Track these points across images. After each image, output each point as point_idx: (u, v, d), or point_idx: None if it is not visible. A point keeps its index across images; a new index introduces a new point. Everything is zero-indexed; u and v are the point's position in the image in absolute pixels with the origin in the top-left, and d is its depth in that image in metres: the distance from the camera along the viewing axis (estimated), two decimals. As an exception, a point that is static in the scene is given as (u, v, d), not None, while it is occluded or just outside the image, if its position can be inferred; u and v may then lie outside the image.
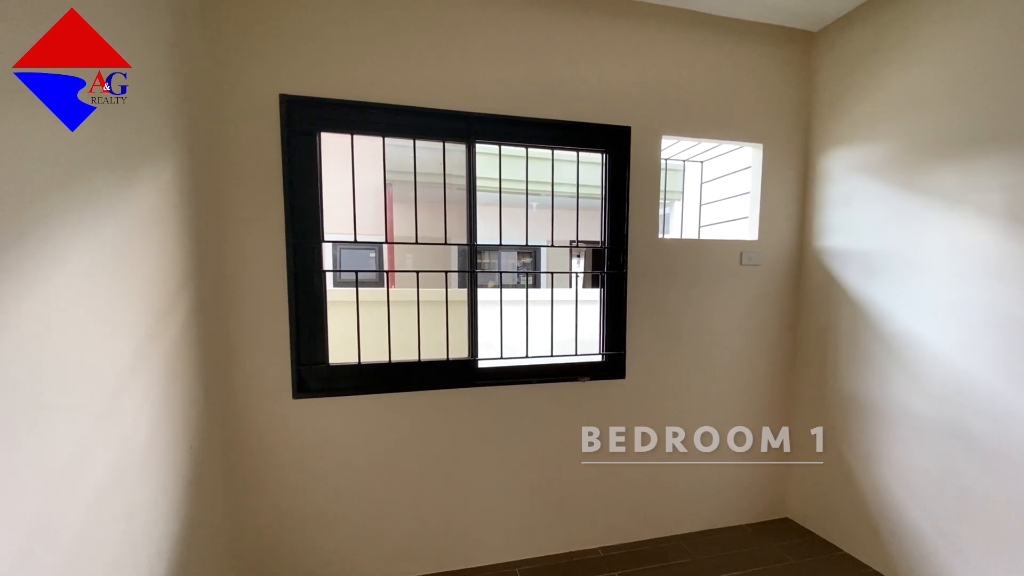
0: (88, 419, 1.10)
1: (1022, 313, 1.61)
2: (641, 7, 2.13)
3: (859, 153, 2.16)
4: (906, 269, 1.97)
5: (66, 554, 1.02)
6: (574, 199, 2.33)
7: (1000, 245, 1.66)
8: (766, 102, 2.34)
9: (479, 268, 2.07)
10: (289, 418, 1.91)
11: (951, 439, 1.83)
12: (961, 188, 1.78)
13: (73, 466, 1.04)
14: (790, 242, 2.45)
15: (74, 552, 1.04)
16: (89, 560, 1.09)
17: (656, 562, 2.22)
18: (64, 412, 1.02)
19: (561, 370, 2.21)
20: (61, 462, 1.01)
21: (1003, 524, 1.67)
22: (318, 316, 1.88)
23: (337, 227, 2.33)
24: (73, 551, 1.04)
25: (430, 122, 1.93)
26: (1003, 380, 1.66)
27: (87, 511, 1.09)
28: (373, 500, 2.03)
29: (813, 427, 2.43)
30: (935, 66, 1.85)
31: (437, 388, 2.04)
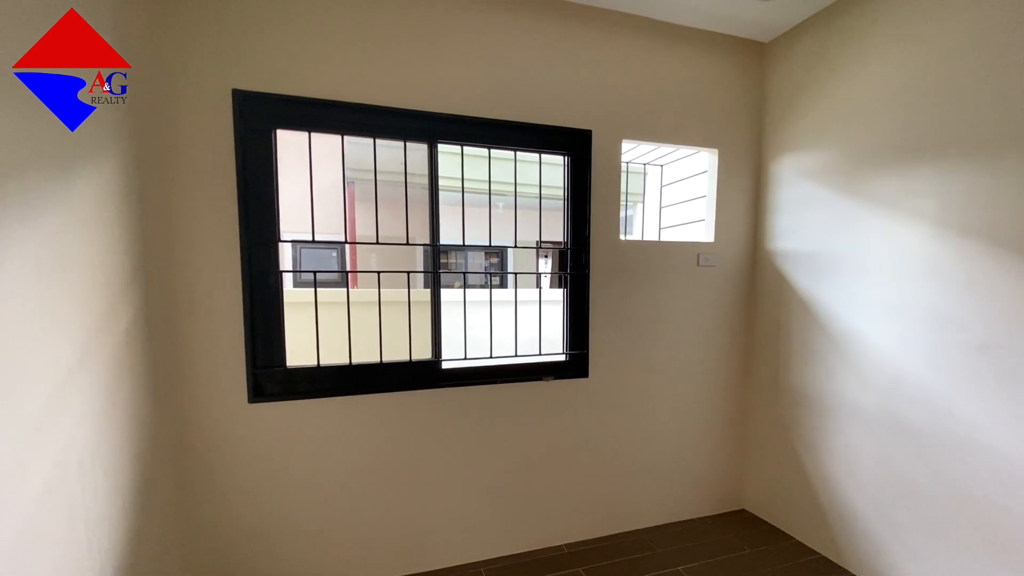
0: (25, 424, 1.05)
1: (953, 313, 1.72)
2: (601, 13, 2.17)
3: (807, 160, 2.27)
4: (850, 271, 2.08)
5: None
6: (533, 199, 2.35)
7: (933, 248, 1.78)
8: (721, 109, 2.42)
9: (445, 269, 2.06)
10: (245, 423, 1.85)
11: (891, 431, 1.94)
12: (898, 194, 1.89)
13: (8, 473, 0.99)
14: (744, 244, 2.55)
15: (7, 566, 0.99)
16: (26, 574, 1.04)
17: (619, 556, 2.27)
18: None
19: (526, 370, 2.23)
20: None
21: (937, 509, 1.79)
22: (275, 318, 1.84)
23: (297, 226, 2.28)
24: (5, 565, 0.99)
25: (391, 121, 1.91)
26: (938, 375, 1.78)
27: (23, 521, 1.04)
28: (333, 505, 1.99)
29: (767, 421, 2.54)
30: (873, 80, 1.96)
31: (400, 390, 2.03)
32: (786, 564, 2.21)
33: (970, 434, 1.68)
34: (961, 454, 1.71)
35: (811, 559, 2.24)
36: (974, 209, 1.66)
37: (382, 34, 1.88)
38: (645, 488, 2.49)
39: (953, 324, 1.72)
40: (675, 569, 2.17)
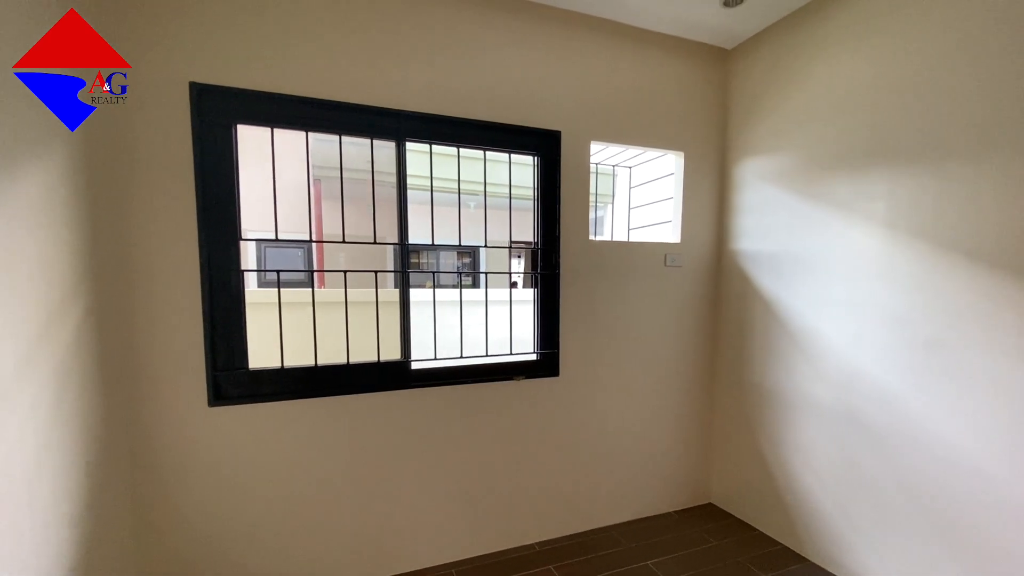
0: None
1: (903, 311, 1.80)
2: (570, 16, 2.19)
3: (768, 163, 2.35)
4: (809, 271, 2.16)
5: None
6: (511, 199, 2.35)
7: (883, 249, 1.86)
8: (687, 113, 2.48)
9: (416, 268, 2.05)
10: (205, 428, 1.79)
11: (847, 424, 2.02)
12: (852, 197, 1.97)
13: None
14: (709, 245, 2.62)
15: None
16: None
17: (589, 553, 2.29)
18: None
19: (496, 369, 2.23)
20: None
21: (889, 499, 1.87)
22: (236, 318, 1.78)
23: (262, 225, 2.22)
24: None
25: (357, 118, 1.88)
26: (889, 371, 1.86)
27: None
28: (301, 511, 1.94)
29: (732, 417, 2.61)
30: (826, 88, 2.04)
31: (368, 391, 2.00)
32: (750, 555, 2.27)
33: (918, 426, 1.77)
34: (910, 445, 1.79)
35: (774, 550, 2.32)
36: (920, 212, 1.74)
37: (348, 29, 1.85)
38: (615, 485, 2.52)
39: (903, 322, 1.81)
40: (644, 564, 2.21)
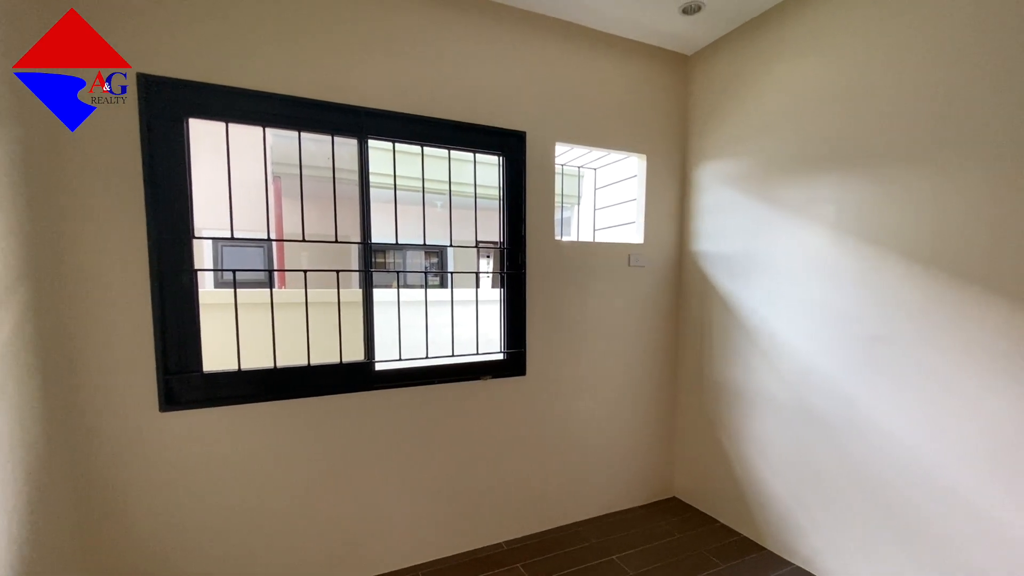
0: None
1: (851, 309, 1.90)
2: (535, 17, 2.21)
3: (726, 167, 2.43)
4: (765, 271, 2.24)
5: None
6: (478, 199, 2.35)
7: (833, 250, 1.96)
8: (649, 117, 2.54)
9: (383, 268, 2.02)
10: (156, 434, 1.71)
11: (800, 418, 2.11)
12: (804, 201, 2.06)
13: None
14: (671, 245, 2.69)
15: None
16: None
17: (557, 549, 2.31)
18: None
19: (463, 370, 2.22)
20: None
21: (840, 488, 1.97)
22: (189, 319, 1.71)
23: (221, 223, 2.15)
24: None
25: (317, 114, 1.84)
26: (838, 366, 1.95)
27: None
28: (261, 518, 1.89)
29: (694, 413, 2.68)
30: (781, 96, 2.13)
31: (331, 393, 1.96)
32: (711, 546, 2.34)
33: (864, 418, 1.86)
34: (857, 437, 1.89)
35: (733, 540, 2.39)
36: (864, 215, 1.84)
37: (309, 24, 1.81)
38: (581, 482, 2.56)
39: (850, 319, 1.90)
40: (610, 558, 2.24)
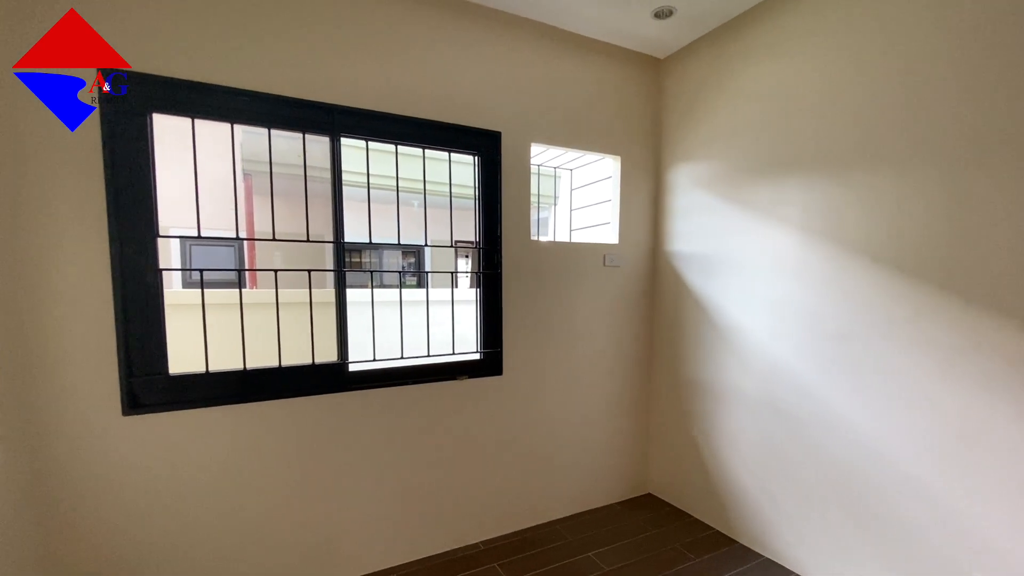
0: None
1: (816, 307, 1.96)
2: (511, 19, 2.22)
3: (698, 169, 2.48)
4: (735, 271, 2.30)
5: None
6: (456, 199, 2.34)
7: (798, 251, 2.02)
8: (624, 119, 2.58)
9: (359, 268, 1.99)
10: (119, 438, 1.66)
11: (769, 412, 2.17)
12: (772, 203, 2.12)
13: None
14: (646, 246, 2.73)
15: None
16: None
17: (533, 548, 2.32)
18: None
19: (439, 370, 2.21)
20: None
21: (805, 480, 2.03)
22: (154, 320, 1.66)
23: (191, 221, 2.10)
24: None
25: (288, 111, 1.81)
26: (805, 363, 2.02)
27: None
28: (231, 522, 1.84)
29: (668, 409, 2.73)
30: (750, 101, 2.19)
31: (303, 395, 1.93)
32: (685, 541, 2.39)
33: (829, 412, 1.93)
34: (823, 431, 1.95)
35: (707, 534, 2.45)
36: (828, 217, 1.91)
37: (280, 19, 1.78)
38: (558, 480, 2.58)
39: (816, 317, 1.97)
40: (586, 555, 2.26)
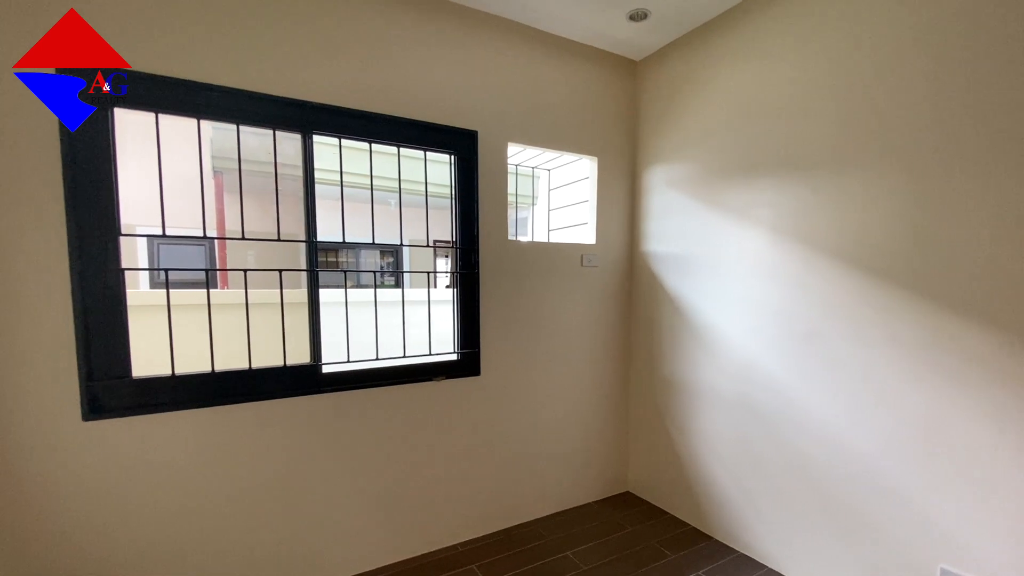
0: None
1: (787, 306, 2.00)
2: (488, 18, 2.21)
3: (674, 171, 2.51)
4: (709, 271, 2.34)
5: None
6: (434, 198, 2.32)
7: (770, 251, 2.06)
8: (600, 120, 2.60)
9: (335, 267, 1.96)
10: (79, 445, 1.60)
11: (743, 411, 2.21)
12: (744, 204, 2.16)
13: None
14: (622, 246, 2.76)
15: None
16: None
17: (512, 548, 2.32)
18: None
19: (416, 371, 2.19)
20: None
21: (778, 475, 2.07)
22: (116, 322, 1.61)
23: (159, 219, 2.04)
24: None
25: (257, 107, 1.77)
26: (777, 361, 2.06)
27: None
28: (200, 529, 1.79)
29: (645, 408, 2.76)
30: (723, 103, 2.23)
31: (275, 397, 1.89)
32: (661, 538, 2.41)
33: (800, 410, 1.97)
34: (795, 428, 1.99)
35: (683, 531, 2.48)
36: (798, 218, 1.95)
37: (248, 11, 1.73)
38: (537, 480, 2.58)
39: (787, 316, 2.01)
40: (564, 554, 2.27)
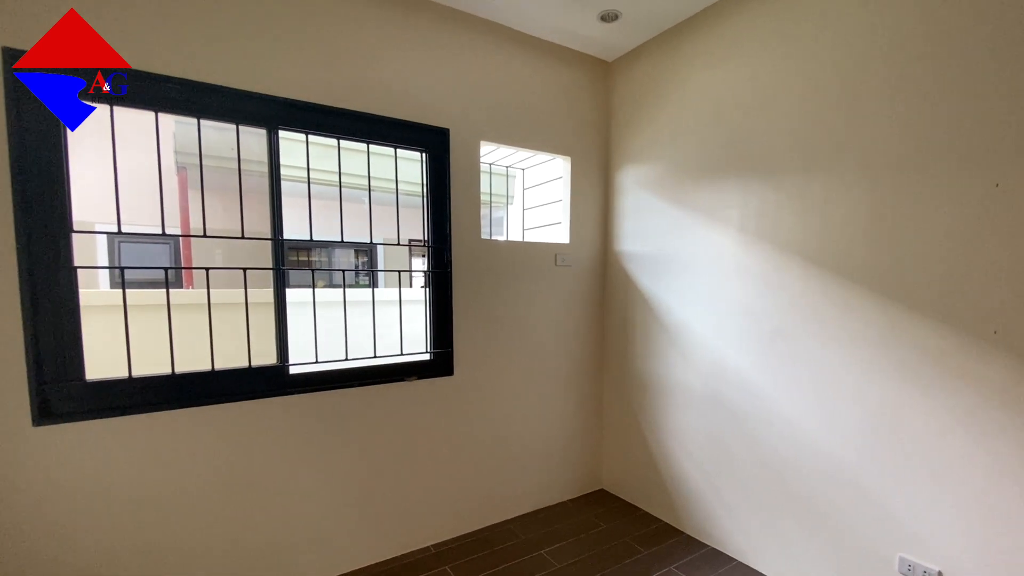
0: None
1: (754, 305, 2.05)
2: (461, 16, 2.21)
3: (645, 171, 2.55)
4: (680, 270, 2.37)
5: None
6: (408, 196, 2.29)
7: (737, 251, 2.10)
8: (573, 120, 2.61)
9: (307, 266, 1.92)
10: (29, 451, 1.52)
11: (713, 407, 2.25)
12: (712, 205, 2.20)
13: None
14: (596, 246, 2.78)
15: None
16: None
17: (485, 549, 2.31)
18: None
19: (387, 371, 2.17)
20: None
21: (747, 471, 2.12)
22: (68, 322, 1.54)
23: (124, 216, 1.97)
24: None
25: (219, 101, 1.72)
26: (744, 357, 2.10)
27: None
28: (162, 540, 1.73)
29: (619, 406, 2.78)
30: (693, 105, 2.27)
31: (240, 399, 1.84)
32: (635, 534, 2.44)
33: (767, 405, 2.02)
34: (763, 423, 2.04)
35: (656, 527, 2.51)
36: (764, 219, 2.00)
37: (213, 4, 1.69)
38: (511, 480, 2.58)
39: (754, 314, 2.05)
40: (538, 553, 2.27)
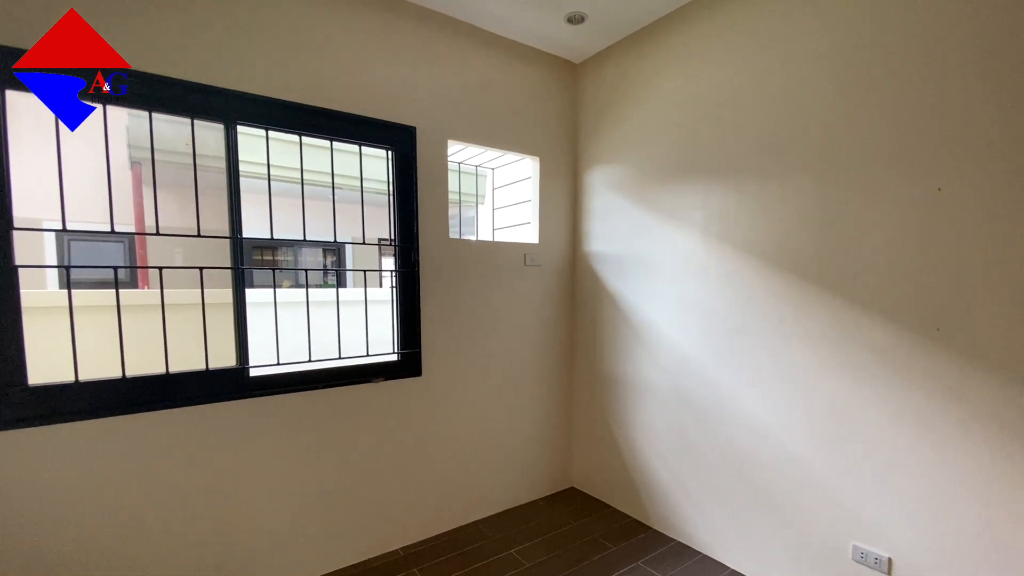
0: None
1: (716, 304, 2.11)
2: (428, 13, 2.19)
3: (612, 172, 2.58)
4: (646, 270, 2.42)
5: None
6: (377, 195, 2.26)
7: (699, 251, 2.16)
8: (542, 120, 2.63)
9: (271, 265, 1.87)
10: (-37, 461, 1.45)
11: (678, 404, 2.30)
12: (676, 206, 2.25)
13: None
14: (565, 246, 2.81)
15: None
16: None
17: (455, 550, 2.30)
18: None
19: (353, 372, 2.13)
20: None
21: (710, 465, 2.17)
22: (9, 324, 1.46)
23: (76, 214, 1.88)
24: None
25: (171, 93, 1.66)
26: (707, 354, 2.16)
27: None
28: (115, 548, 1.66)
29: (588, 404, 2.82)
30: (657, 108, 2.31)
31: (197, 403, 1.78)
32: (603, 531, 2.47)
33: (728, 400, 2.08)
34: (726, 418, 2.10)
35: (624, 523, 2.55)
36: (725, 220, 2.05)
37: (165, -5, 1.63)
38: (482, 480, 2.57)
39: (716, 313, 2.11)
40: (508, 553, 2.28)
